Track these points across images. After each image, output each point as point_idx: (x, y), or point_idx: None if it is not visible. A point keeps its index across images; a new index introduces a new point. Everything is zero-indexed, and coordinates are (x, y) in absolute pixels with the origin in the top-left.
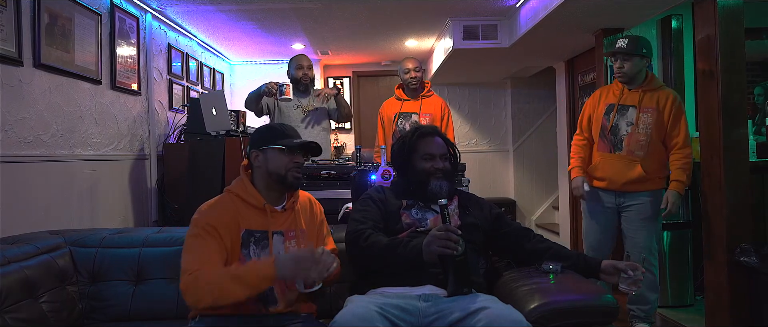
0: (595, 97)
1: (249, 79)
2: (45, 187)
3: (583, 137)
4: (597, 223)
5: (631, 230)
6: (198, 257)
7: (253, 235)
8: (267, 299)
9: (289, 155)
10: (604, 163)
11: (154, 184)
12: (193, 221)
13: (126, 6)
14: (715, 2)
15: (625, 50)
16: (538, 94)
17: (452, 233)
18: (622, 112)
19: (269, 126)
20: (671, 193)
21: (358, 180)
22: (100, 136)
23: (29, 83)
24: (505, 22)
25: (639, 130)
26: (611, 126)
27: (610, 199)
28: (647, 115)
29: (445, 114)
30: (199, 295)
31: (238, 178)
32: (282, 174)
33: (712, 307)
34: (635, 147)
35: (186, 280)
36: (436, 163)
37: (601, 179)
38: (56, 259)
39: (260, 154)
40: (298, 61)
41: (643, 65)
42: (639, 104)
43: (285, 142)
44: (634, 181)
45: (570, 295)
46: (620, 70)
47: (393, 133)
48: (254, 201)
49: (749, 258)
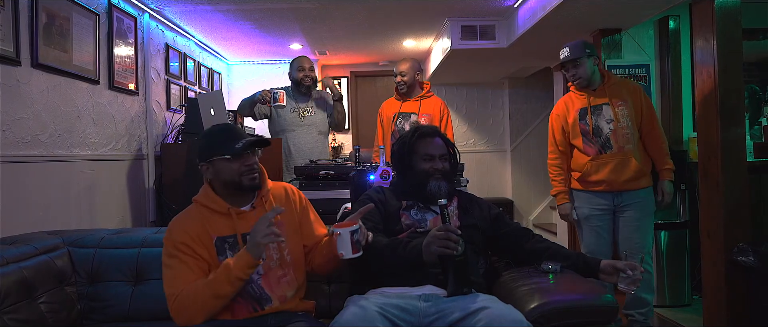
0: (560, 108)
1: (247, 79)
2: (43, 188)
3: (559, 152)
4: (594, 229)
5: (629, 230)
6: (178, 279)
7: (225, 241)
8: (260, 298)
9: (238, 160)
10: (597, 166)
11: (151, 185)
12: (164, 241)
13: (124, 6)
14: (713, 3)
15: (571, 56)
16: (536, 95)
17: (452, 233)
18: (596, 112)
19: (209, 133)
20: (664, 183)
21: (356, 180)
22: (98, 136)
23: (27, 83)
24: (503, 22)
25: (621, 123)
26: (592, 128)
27: (607, 202)
28: (623, 108)
29: (445, 115)
30: (191, 313)
31: (203, 187)
32: (237, 181)
33: (709, 307)
34: (624, 141)
35: (172, 306)
36: (436, 163)
37: (598, 183)
38: (55, 259)
39: (210, 167)
40: (299, 62)
41: (592, 64)
42: (610, 100)
43: (228, 150)
44: (632, 178)
45: (570, 295)
46: (574, 76)
47: (392, 132)
48: (218, 207)
49: (747, 257)
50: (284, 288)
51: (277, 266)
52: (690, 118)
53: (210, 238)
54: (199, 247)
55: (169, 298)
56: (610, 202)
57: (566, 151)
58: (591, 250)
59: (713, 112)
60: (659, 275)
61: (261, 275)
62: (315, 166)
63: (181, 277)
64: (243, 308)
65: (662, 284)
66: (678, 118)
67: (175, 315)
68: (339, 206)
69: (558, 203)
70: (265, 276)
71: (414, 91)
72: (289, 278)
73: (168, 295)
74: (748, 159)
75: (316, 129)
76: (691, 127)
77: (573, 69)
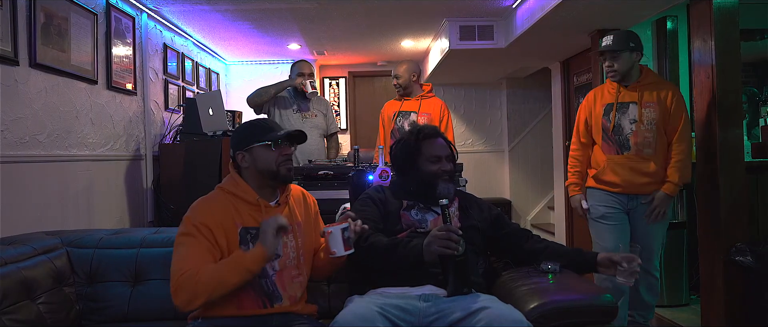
0: (589, 99)
1: (244, 79)
2: (41, 188)
3: (580, 144)
4: (610, 227)
5: (639, 234)
6: (190, 257)
7: (249, 232)
8: (272, 295)
9: (277, 149)
10: (613, 167)
11: (149, 185)
12: (185, 219)
13: (122, 6)
14: (711, 3)
15: (612, 47)
16: (534, 95)
17: (453, 233)
18: (622, 110)
19: (250, 123)
20: (659, 193)
21: (355, 180)
22: (96, 136)
23: (25, 83)
24: (501, 22)
25: (644, 127)
26: (613, 126)
27: (621, 202)
28: (650, 110)
29: (445, 116)
30: (190, 294)
31: (229, 176)
32: (274, 169)
33: (707, 307)
34: (643, 144)
35: (177, 280)
36: (443, 165)
37: (613, 185)
38: (53, 260)
39: (246, 155)
40: (301, 68)
41: (633, 60)
42: (640, 100)
43: (270, 137)
44: (648, 182)
45: (569, 295)
46: (610, 68)
47: (392, 130)
48: (248, 197)
49: (745, 257)
50: (296, 288)
51: (293, 265)
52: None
53: (235, 226)
54: (220, 233)
55: (175, 272)
56: (624, 202)
57: (588, 144)
58: (606, 248)
59: (711, 112)
60: None
61: (276, 272)
62: (314, 166)
63: (193, 256)
64: (252, 302)
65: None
66: None
67: (174, 292)
68: (338, 206)
69: (570, 194)
70: (279, 273)
71: (414, 92)
72: (302, 279)
73: (175, 270)
74: (746, 159)
75: (318, 131)
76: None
77: (611, 59)
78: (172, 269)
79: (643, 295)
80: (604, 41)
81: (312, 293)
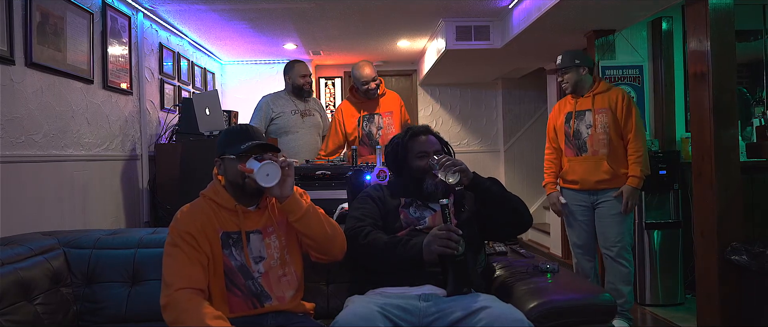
0: (555, 109)
1: (240, 79)
2: (37, 188)
3: (552, 148)
4: (579, 223)
5: (603, 226)
6: (177, 272)
7: (230, 236)
8: (260, 295)
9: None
10: (574, 167)
11: (145, 185)
12: (171, 229)
13: (118, 5)
14: (707, 4)
15: (560, 65)
16: (529, 95)
17: (453, 233)
18: (579, 117)
19: (226, 131)
20: (626, 187)
21: (353, 180)
22: (91, 136)
23: (21, 82)
24: (497, 23)
25: (598, 130)
26: (573, 131)
27: (585, 198)
28: (603, 115)
29: (401, 107)
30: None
31: (212, 182)
32: (239, 182)
33: (702, 306)
34: (598, 146)
35: (167, 300)
36: (431, 159)
37: (574, 182)
38: (50, 260)
39: (221, 164)
40: (300, 69)
41: (580, 74)
42: (593, 106)
43: (233, 150)
44: (603, 179)
45: (569, 294)
46: (562, 82)
47: (361, 138)
48: (226, 203)
49: (740, 257)
50: (284, 288)
51: (277, 265)
52: (682, 118)
53: (216, 231)
54: (203, 239)
55: (165, 286)
56: (587, 198)
57: (559, 148)
58: (579, 245)
59: (707, 112)
60: (652, 274)
61: (262, 274)
62: (311, 166)
63: (180, 270)
64: (242, 304)
65: (656, 283)
66: (670, 118)
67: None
68: (335, 206)
69: (546, 192)
70: (265, 275)
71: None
72: (290, 278)
73: (165, 283)
74: (741, 159)
75: (316, 130)
76: (684, 128)
77: (562, 75)
78: (163, 281)
79: (616, 284)
80: (557, 61)
81: (311, 293)
